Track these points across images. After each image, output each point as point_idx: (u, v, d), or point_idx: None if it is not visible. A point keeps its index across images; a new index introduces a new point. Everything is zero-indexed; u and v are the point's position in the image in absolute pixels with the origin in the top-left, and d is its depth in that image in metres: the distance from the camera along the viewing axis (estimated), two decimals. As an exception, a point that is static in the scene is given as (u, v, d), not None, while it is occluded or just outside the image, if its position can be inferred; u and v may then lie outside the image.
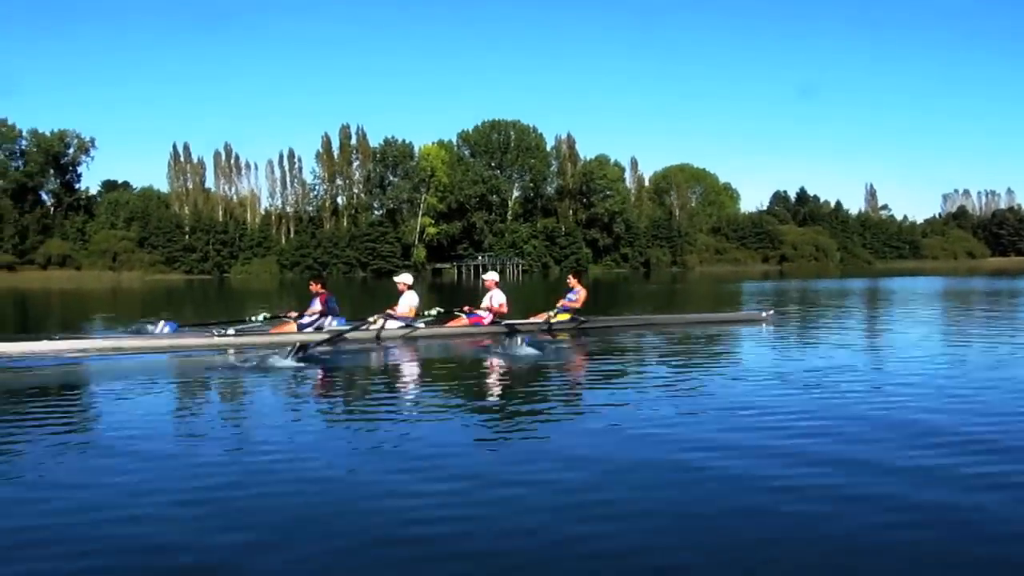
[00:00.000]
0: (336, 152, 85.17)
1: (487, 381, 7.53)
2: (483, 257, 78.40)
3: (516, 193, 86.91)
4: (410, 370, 8.32)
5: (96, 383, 7.38)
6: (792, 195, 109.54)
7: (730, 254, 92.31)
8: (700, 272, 75.53)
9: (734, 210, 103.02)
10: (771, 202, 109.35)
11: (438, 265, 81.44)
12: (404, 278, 10.91)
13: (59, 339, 9.24)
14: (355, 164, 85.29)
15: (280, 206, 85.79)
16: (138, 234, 78.38)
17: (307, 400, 6.53)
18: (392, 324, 10.33)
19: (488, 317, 10.96)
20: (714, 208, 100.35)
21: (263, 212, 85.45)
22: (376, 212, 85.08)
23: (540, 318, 11.40)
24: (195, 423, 5.55)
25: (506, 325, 10.74)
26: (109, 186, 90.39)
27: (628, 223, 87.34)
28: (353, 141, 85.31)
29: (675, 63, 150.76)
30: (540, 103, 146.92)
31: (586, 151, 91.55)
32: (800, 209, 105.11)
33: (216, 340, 9.54)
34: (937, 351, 9.35)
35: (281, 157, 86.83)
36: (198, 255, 78.02)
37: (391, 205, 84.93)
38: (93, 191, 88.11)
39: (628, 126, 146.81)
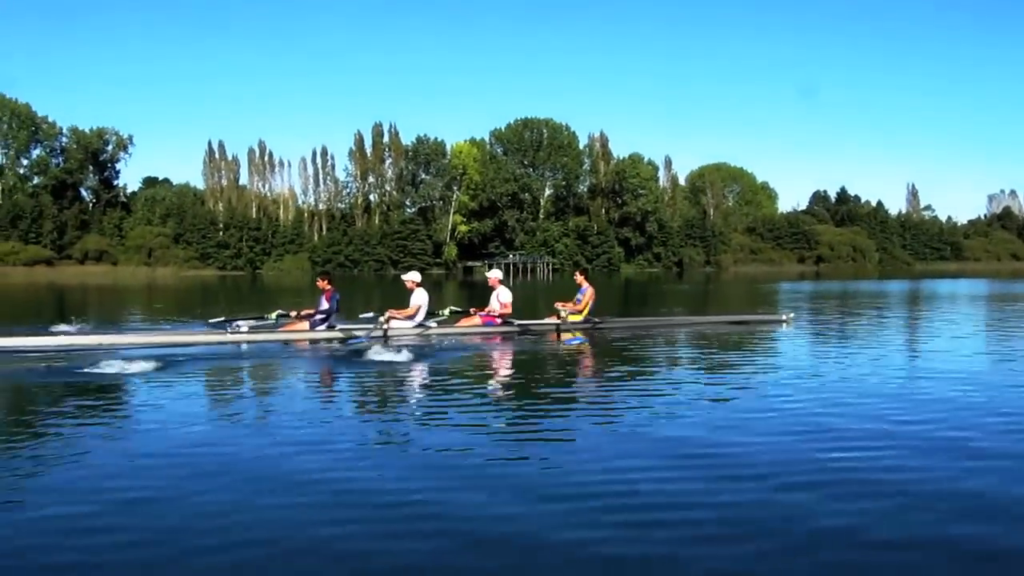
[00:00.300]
0: (369, 150, 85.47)
1: (494, 380, 7.61)
2: (514, 255, 78.09)
3: (548, 191, 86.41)
4: (417, 369, 8.23)
5: (118, 377, 7.51)
6: (832, 195, 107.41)
7: (765, 254, 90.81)
8: (734, 272, 74.28)
9: (772, 210, 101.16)
10: (811, 201, 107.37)
11: (469, 263, 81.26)
12: (412, 276, 10.82)
13: (78, 334, 9.56)
14: (387, 162, 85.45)
15: (313, 203, 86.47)
16: (173, 230, 79.60)
17: (314, 398, 6.74)
18: (402, 323, 10.31)
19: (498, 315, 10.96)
20: (751, 208, 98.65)
21: (296, 208, 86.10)
22: (408, 210, 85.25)
23: (553, 319, 11.23)
24: (212, 417, 5.66)
25: (518, 325, 10.71)
26: (149, 182, 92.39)
27: (661, 222, 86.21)
28: (386, 139, 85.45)
29: (712, 60, 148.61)
30: (573, 101, 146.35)
31: (620, 150, 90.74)
32: (839, 209, 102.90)
33: (230, 336, 9.75)
34: (946, 359, 8.76)
35: (314, 154, 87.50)
36: (231, 251, 78.94)
37: (423, 203, 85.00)
38: (135, 187, 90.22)
39: (662, 124, 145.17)
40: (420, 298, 10.56)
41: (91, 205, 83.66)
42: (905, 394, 6.33)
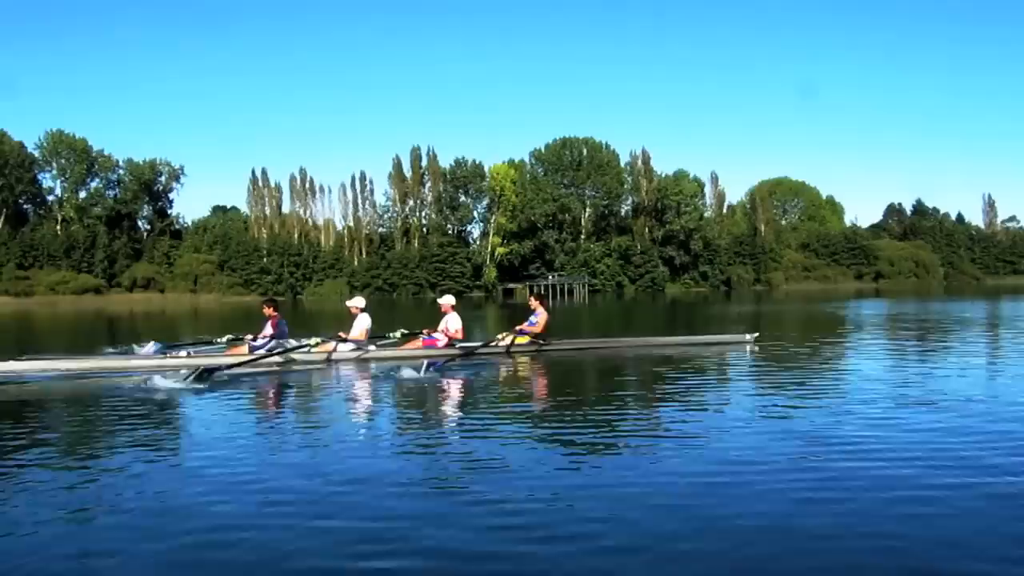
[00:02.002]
0: (408, 173, 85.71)
1: (428, 402, 7.58)
2: (554, 276, 76.83)
3: (588, 211, 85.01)
4: (359, 390, 8.48)
5: (67, 401, 7.59)
6: (909, 208, 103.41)
7: (819, 271, 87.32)
8: (786, 291, 71.15)
9: (837, 225, 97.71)
10: (884, 215, 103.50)
11: (509, 285, 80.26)
12: (356, 302, 11.02)
13: (26, 359, 9.65)
14: (426, 185, 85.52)
15: (353, 228, 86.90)
16: (219, 257, 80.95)
17: (252, 419, 6.81)
18: (344, 347, 10.56)
19: (442, 340, 11.00)
20: (815, 223, 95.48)
21: (336, 233, 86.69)
22: (448, 232, 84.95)
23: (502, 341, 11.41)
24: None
25: (460, 348, 10.77)
26: (218, 210, 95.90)
27: (707, 240, 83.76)
28: (424, 162, 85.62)
29: (770, 74, 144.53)
30: (614, 120, 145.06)
31: (667, 167, 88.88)
32: (908, 221, 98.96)
33: (170, 362, 9.74)
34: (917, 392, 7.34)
35: (353, 179, 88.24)
36: (273, 277, 79.81)
37: (461, 226, 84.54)
38: (203, 214, 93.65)
39: (712, 141, 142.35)
40: (364, 323, 10.79)
41: (145, 234, 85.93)
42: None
